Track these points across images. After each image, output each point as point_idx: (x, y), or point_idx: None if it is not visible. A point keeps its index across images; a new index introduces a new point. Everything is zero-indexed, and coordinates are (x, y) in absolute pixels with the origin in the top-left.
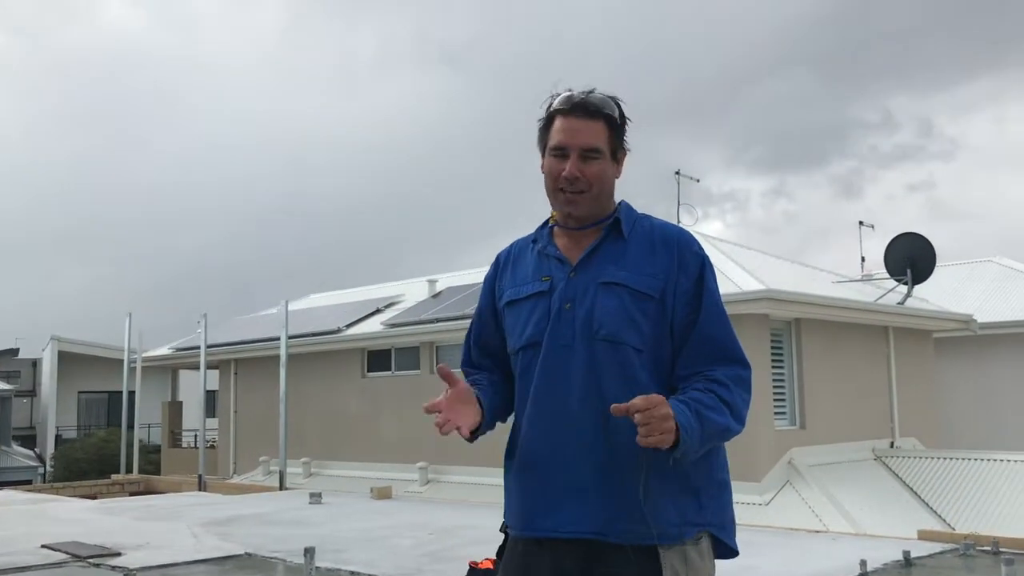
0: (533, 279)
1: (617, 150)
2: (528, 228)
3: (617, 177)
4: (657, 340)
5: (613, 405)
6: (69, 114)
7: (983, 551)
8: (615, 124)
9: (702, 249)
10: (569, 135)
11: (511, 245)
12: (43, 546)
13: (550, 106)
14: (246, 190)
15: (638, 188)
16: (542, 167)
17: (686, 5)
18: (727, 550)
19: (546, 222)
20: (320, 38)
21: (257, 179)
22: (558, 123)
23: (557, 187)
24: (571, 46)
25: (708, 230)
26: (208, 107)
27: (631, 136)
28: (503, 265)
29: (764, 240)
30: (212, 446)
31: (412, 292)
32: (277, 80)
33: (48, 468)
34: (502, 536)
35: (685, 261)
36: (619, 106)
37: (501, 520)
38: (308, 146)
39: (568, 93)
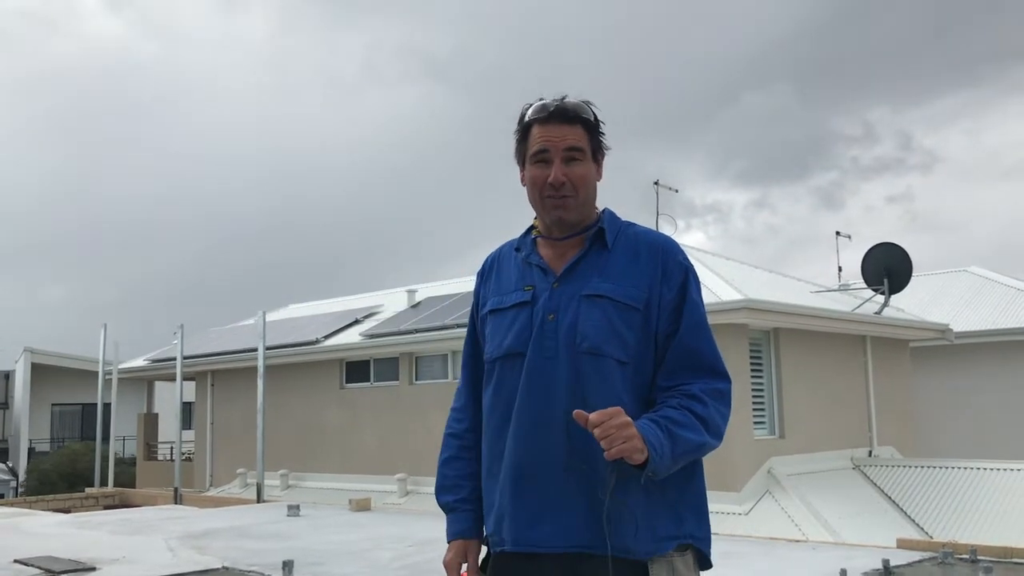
0: (516, 288)
1: (597, 151)
2: (507, 239)
3: (599, 180)
4: (642, 352)
5: (575, 411)
6: (49, 126)
7: (962, 559)
8: (592, 127)
9: (687, 259)
10: (550, 140)
11: (495, 252)
12: (16, 561)
13: (523, 117)
14: (225, 202)
15: (619, 199)
16: (522, 179)
17: (669, 20)
18: (705, 562)
19: (529, 230)
20: (304, 51)
21: (237, 190)
22: (536, 131)
23: (544, 195)
24: (554, 60)
25: (690, 241)
26: (190, 119)
27: (609, 142)
28: (487, 274)
29: (745, 251)
30: (188, 458)
31: (391, 303)
32: (260, 92)
33: (20, 481)
34: (484, 549)
35: (669, 271)
36: (592, 109)
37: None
38: (289, 158)
39: (542, 102)
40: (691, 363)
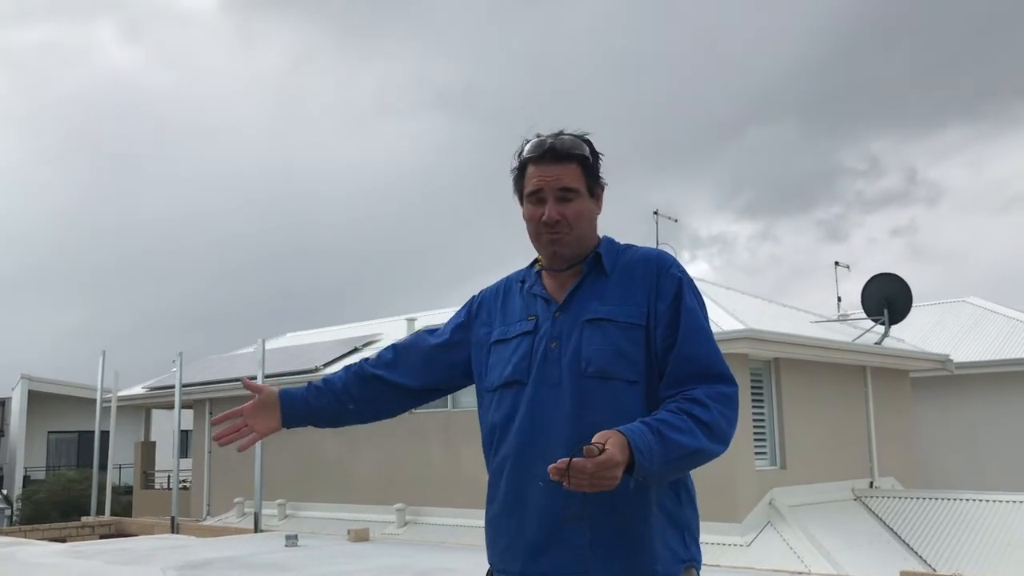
0: (521, 318)
1: (593, 187)
2: (508, 269)
3: (598, 213)
4: (651, 367)
5: (550, 467)
6: (62, 155)
7: None
8: (587, 163)
9: (680, 270)
10: (544, 180)
11: (496, 284)
12: None
13: (521, 153)
14: (229, 230)
15: (623, 229)
16: (524, 214)
17: (677, 55)
18: None
19: (533, 263)
20: (318, 81)
21: (241, 219)
22: (531, 170)
23: (539, 231)
24: (564, 92)
25: (694, 272)
26: (202, 148)
27: (609, 173)
28: (487, 302)
29: (747, 281)
30: (185, 487)
31: (390, 331)
32: (273, 122)
33: (15, 510)
34: None
35: (661, 284)
36: (589, 144)
37: (484, 563)
38: (297, 187)
39: (538, 139)
40: (693, 369)
